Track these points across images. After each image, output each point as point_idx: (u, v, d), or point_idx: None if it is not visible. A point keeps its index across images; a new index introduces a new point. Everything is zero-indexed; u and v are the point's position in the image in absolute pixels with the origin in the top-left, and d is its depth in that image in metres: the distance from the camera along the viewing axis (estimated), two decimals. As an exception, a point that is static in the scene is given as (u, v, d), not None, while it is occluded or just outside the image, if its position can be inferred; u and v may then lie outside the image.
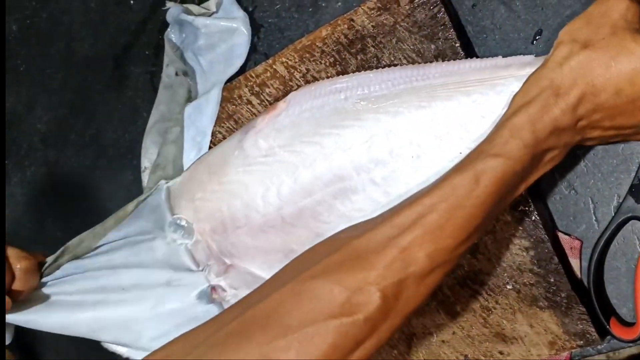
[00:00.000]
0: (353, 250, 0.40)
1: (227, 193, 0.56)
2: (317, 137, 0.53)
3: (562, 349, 0.48)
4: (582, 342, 0.47)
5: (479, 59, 0.51)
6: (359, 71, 0.61)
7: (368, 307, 0.38)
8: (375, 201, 0.50)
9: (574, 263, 0.50)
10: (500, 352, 0.51)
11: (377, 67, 0.60)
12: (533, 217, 0.50)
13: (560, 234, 0.51)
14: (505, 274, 0.51)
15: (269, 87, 0.67)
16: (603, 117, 0.41)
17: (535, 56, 0.48)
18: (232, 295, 0.58)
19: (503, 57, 0.49)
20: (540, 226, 0.50)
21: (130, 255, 0.61)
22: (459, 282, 0.54)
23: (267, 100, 0.68)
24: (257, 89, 0.68)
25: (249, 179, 0.55)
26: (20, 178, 0.99)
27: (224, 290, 0.58)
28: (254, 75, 0.69)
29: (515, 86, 0.44)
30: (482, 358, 0.52)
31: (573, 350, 0.50)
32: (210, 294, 0.58)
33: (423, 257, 0.39)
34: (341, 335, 0.38)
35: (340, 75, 0.58)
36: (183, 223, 0.58)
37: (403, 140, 0.49)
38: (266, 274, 0.55)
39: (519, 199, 0.51)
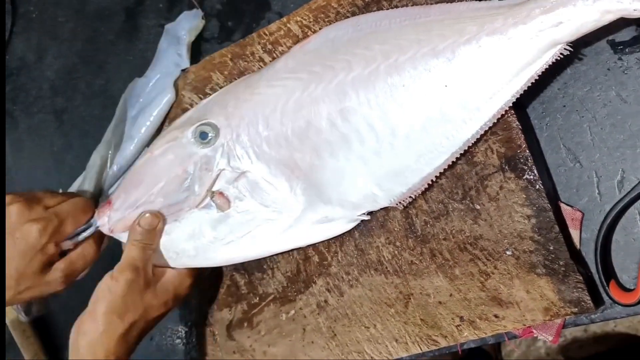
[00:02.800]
0: None
1: (255, 102, 0.60)
2: (331, 61, 0.57)
3: (557, 315, 0.49)
4: (576, 309, 0.48)
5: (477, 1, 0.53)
6: (373, 34, 0.61)
7: None
8: (370, 124, 0.54)
9: (574, 234, 0.51)
10: (496, 316, 0.52)
11: (391, 31, 0.60)
12: (537, 186, 0.50)
13: (562, 205, 0.51)
14: (506, 241, 0.52)
15: (282, 46, 0.67)
16: None
17: None
18: (234, 207, 0.61)
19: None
20: (544, 195, 0.50)
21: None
22: (459, 247, 0.54)
23: (279, 58, 0.67)
24: (269, 46, 0.68)
25: (273, 92, 0.59)
26: (28, 125, 0.99)
27: (227, 199, 0.61)
28: (267, 33, 0.68)
29: (500, 22, 0.48)
30: (477, 320, 0.52)
31: (567, 318, 0.51)
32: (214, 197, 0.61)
33: None
34: None
35: (358, 15, 0.61)
36: (209, 128, 0.61)
37: (399, 70, 0.53)
38: (274, 187, 0.59)
39: (525, 168, 0.51)
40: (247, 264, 0.67)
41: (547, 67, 0.48)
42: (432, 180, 0.55)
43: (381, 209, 0.58)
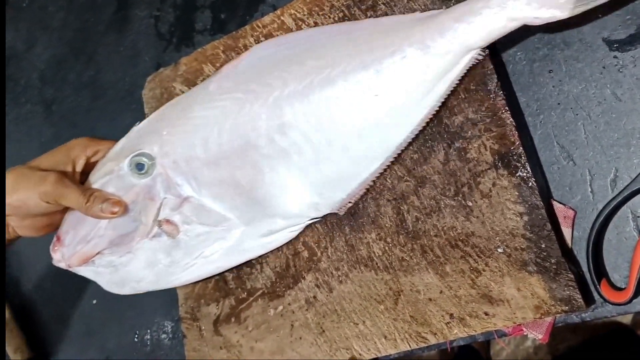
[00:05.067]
0: None
1: (192, 126, 0.60)
2: (268, 78, 0.58)
3: (547, 313, 0.48)
4: (567, 307, 0.47)
5: (402, 15, 0.57)
6: (368, 28, 0.60)
7: None
8: (307, 136, 0.56)
9: (566, 232, 0.50)
10: (486, 313, 0.51)
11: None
12: (530, 184, 0.50)
13: (555, 203, 0.51)
14: (497, 238, 0.51)
15: (275, 39, 0.66)
16: None
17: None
18: (183, 231, 0.62)
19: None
20: (537, 193, 0.49)
21: None
22: (451, 244, 0.53)
23: (272, 51, 0.66)
24: (262, 39, 0.67)
25: (210, 114, 0.59)
26: (16, 114, 0.97)
27: (175, 225, 0.62)
28: (260, 25, 0.67)
29: (419, 34, 0.52)
30: (467, 318, 0.52)
31: (557, 316, 0.50)
32: (162, 226, 0.62)
33: None
34: None
35: (290, 33, 0.64)
36: (144, 159, 0.61)
37: (332, 83, 0.55)
38: (218, 207, 0.60)
39: (518, 165, 0.50)
40: (236, 259, 0.66)
41: (466, 71, 0.52)
42: (369, 185, 0.57)
43: (372, 204, 0.57)
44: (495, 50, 0.55)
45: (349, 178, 0.57)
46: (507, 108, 0.52)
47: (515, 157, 0.51)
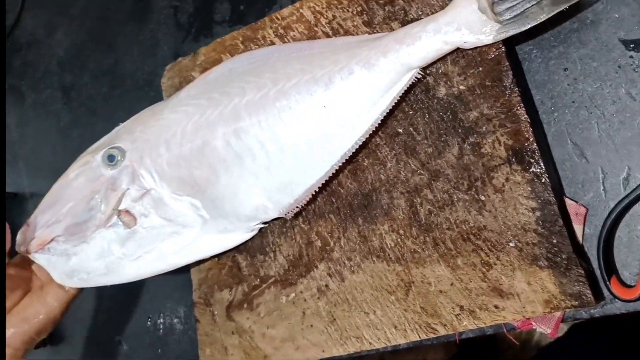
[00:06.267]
0: None
1: (159, 127, 0.63)
2: (228, 88, 0.61)
3: (557, 308, 0.48)
4: (577, 302, 0.47)
5: (352, 36, 0.61)
6: (385, 23, 0.60)
7: None
8: (261, 142, 0.59)
9: (577, 229, 0.50)
10: (496, 306, 0.51)
11: (403, 20, 0.59)
12: (543, 180, 0.50)
13: (566, 199, 0.51)
14: (509, 232, 0.51)
15: (293, 31, 0.66)
16: None
17: None
18: (140, 223, 0.63)
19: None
20: (550, 189, 0.49)
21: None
22: (463, 237, 0.53)
23: (290, 43, 0.66)
24: (281, 31, 0.67)
25: (175, 117, 0.63)
26: (35, 100, 0.98)
27: (133, 216, 0.63)
28: (279, 17, 0.67)
29: (365, 53, 0.56)
30: (477, 310, 0.52)
31: (566, 311, 0.50)
32: (120, 215, 0.63)
33: None
34: None
35: (254, 50, 0.67)
36: (116, 151, 0.63)
37: (286, 94, 0.58)
38: (176, 203, 0.63)
39: (532, 161, 0.50)
40: (250, 246, 0.66)
41: (407, 88, 0.56)
42: (316, 191, 0.60)
43: (386, 196, 0.58)
44: (512, 47, 0.55)
45: (297, 185, 0.60)
46: (522, 104, 0.51)
47: (529, 153, 0.50)
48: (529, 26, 0.50)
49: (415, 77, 0.55)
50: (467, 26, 0.52)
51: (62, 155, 0.92)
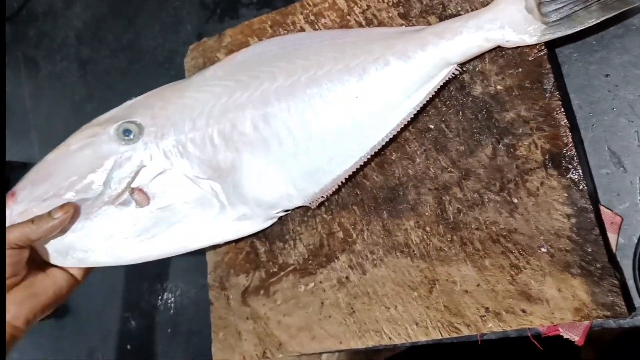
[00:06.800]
0: None
1: (183, 104, 0.61)
2: (257, 72, 0.59)
3: (588, 317, 0.47)
4: (609, 313, 0.46)
5: (389, 27, 0.59)
6: (422, 16, 0.58)
7: None
8: (289, 128, 0.57)
9: (612, 238, 0.49)
10: (523, 310, 0.50)
11: (441, 15, 0.57)
12: (581, 186, 0.49)
13: (602, 208, 0.50)
14: (542, 237, 0.50)
15: (325, 18, 0.64)
16: None
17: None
18: (154, 203, 0.60)
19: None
20: (587, 196, 0.48)
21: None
22: (492, 238, 0.52)
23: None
24: (312, 17, 0.65)
25: (201, 96, 0.60)
26: (50, 71, 0.95)
27: (146, 195, 0.60)
28: (311, 3, 0.65)
29: (402, 45, 0.54)
30: (503, 313, 0.51)
31: (595, 320, 0.49)
32: (133, 193, 0.60)
33: None
34: None
35: (289, 34, 0.65)
36: (133, 126, 0.60)
37: (317, 82, 0.56)
38: (195, 184, 0.60)
39: (569, 167, 0.49)
40: (269, 232, 0.65)
41: (442, 83, 0.55)
42: (342, 182, 0.58)
43: (413, 192, 0.56)
44: (552, 49, 0.54)
45: (324, 174, 0.58)
46: (562, 109, 0.50)
47: (567, 159, 0.49)
48: (575, 30, 0.49)
49: (452, 73, 0.54)
50: (510, 25, 0.50)
51: (75, 129, 0.90)
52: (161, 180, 0.61)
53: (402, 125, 0.56)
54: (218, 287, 0.67)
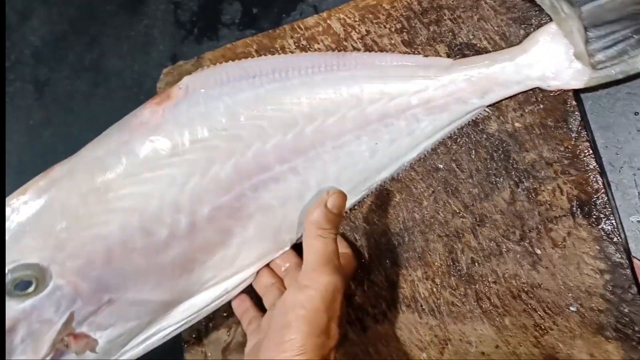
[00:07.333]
0: None
1: (118, 212, 0.43)
2: (236, 128, 0.45)
3: (626, 386, 0.42)
4: (652, 383, 0.41)
5: (401, 55, 0.51)
6: (429, 44, 0.53)
7: None
8: (294, 189, 0.48)
9: (647, 294, 0.44)
10: (550, 377, 0.45)
11: (450, 43, 0.52)
12: (615, 239, 0.43)
13: (635, 260, 0.45)
14: (570, 295, 0.44)
15: (318, 43, 0.58)
16: None
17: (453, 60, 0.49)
18: (104, 336, 0.46)
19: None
20: (622, 250, 0.43)
21: None
22: (512, 293, 0.47)
23: (313, 56, 0.58)
24: (304, 42, 0.58)
25: (151, 188, 0.44)
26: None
27: (86, 336, 0.46)
28: (302, 27, 0.59)
29: (425, 87, 0.48)
30: (528, 379, 0.45)
31: (631, 388, 0.44)
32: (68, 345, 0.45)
33: None
34: None
35: (249, 58, 0.52)
36: (29, 273, 0.42)
37: (324, 129, 0.47)
38: (158, 296, 0.46)
39: (601, 216, 0.44)
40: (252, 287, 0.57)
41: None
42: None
43: (420, 238, 0.50)
44: (574, 84, 0.49)
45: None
46: (590, 150, 0.45)
47: (598, 207, 0.44)
48: (628, 74, 0.43)
49: (479, 113, 0.49)
50: (553, 70, 0.45)
51: (30, 157, 0.81)
52: (104, 314, 0.45)
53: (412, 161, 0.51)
54: (193, 342, 0.59)
